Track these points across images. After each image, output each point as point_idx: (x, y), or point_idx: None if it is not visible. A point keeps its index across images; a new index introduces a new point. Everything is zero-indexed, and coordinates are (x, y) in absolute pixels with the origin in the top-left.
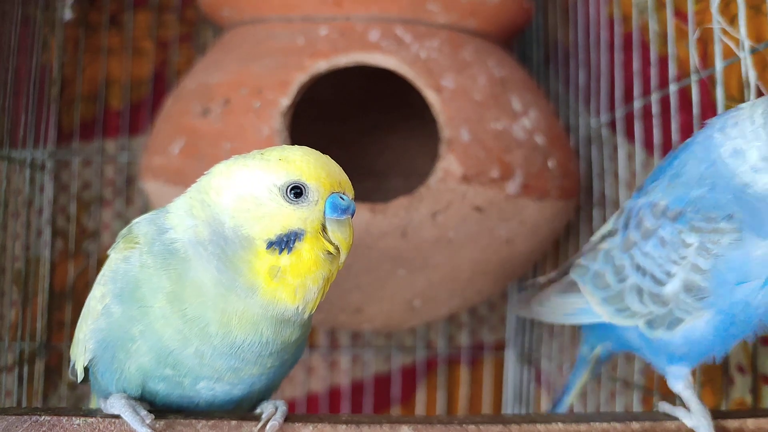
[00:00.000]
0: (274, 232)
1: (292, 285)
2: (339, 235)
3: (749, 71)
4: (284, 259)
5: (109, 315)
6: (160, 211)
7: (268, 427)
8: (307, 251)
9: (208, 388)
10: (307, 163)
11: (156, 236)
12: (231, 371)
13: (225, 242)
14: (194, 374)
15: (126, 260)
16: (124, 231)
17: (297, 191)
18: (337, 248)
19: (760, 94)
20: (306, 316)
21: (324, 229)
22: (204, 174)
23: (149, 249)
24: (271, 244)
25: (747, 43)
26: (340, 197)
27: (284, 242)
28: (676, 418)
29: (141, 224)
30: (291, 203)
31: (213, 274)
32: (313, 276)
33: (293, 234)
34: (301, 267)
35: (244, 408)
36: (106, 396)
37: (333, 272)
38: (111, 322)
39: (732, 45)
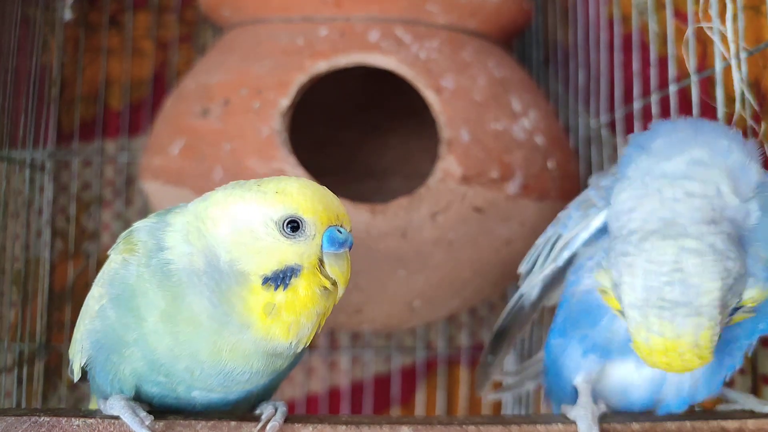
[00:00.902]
0: (270, 267)
1: (287, 322)
2: (337, 270)
3: (736, 79)
4: (280, 295)
5: (105, 317)
6: (161, 222)
7: (268, 428)
8: (304, 288)
9: (202, 396)
10: (304, 196)
11: (154, 251)
12: (222, 386)
13: (220, 276)
14: (187, 384)
15: (125, 266)
16: (124, 233)
17: (294, 225)
18: (334, 283)
19: (759, 99)
20: (299, 350)
21: (321, 263)
22: (203, 198)
23: (147, 262)
24: (266, 280)
25: (733, 48)
26: (338, 230)
27: (280, 278)
28: (676, 420)
29: (141, 232)
30: (288, 238)
31: (206, 305)
32: (308, 312)
33: (290, 270)
34: (297, 304)
35: (242, 408)
36: (105, 397)
37: (328, 307)
38: (106, 324)
39: (723, 50)
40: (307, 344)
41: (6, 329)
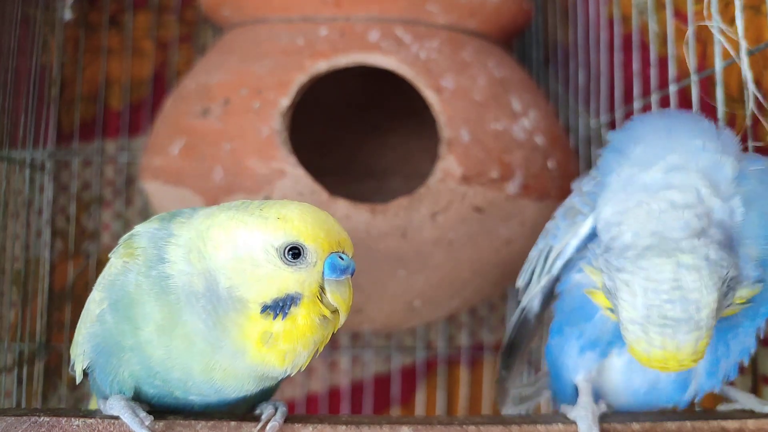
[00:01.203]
0: (270, 296)
1: (283, 351)
2: (338, 297)
3: (748, 74)
4: (278, 325)
5: (104, 322)
6: (164, 230)
7: (268, 428)
8: (303, 317)
9: (200, 399)
10: (305, 222)
11: (155, 261)
12: (217, 395)
13: (218, 300)
14: (183, 390)
15: (125, 272)
16: (125, 237)
17: (295, 252)
18: (335, 311)
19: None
20: (293, 374)
21: (322, 290)
22: (207, 215)
23: (147, 272)
24: (265, 308)
25: (744, 45)
26: (340, 257)
27: (279, 307)
28: (676, 419)
29: (143, 238)
30: (289, 265)
31: (201, 327)
32: (305, 341)
33: (290, 298)
34: (295, 333)
35: (242, 408)
36: (105, 397)
37: (327, 336)
38: (105, 329)
39: (729, 47)
40: (302, 369)
41: (6, 329)
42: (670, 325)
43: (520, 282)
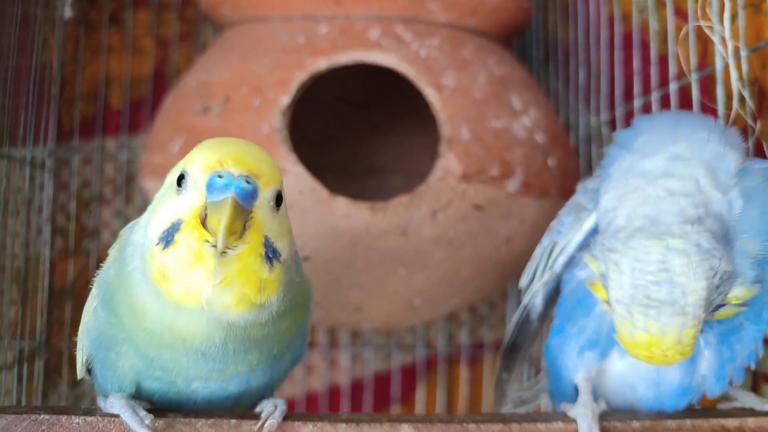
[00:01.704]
0: (162, 227)
1: (182, 284)
2: (215, 217)
3: (734, 78)
4: (167, 255)
5: (98, 316)
6: (145, 215)
7: (266, 425)
8: (183, 243)
9: (203, 387)
10: (196, 150)
11: (126, 243)
12: (216, 372)
13: (142, 249)
14: (183, 375)
15: (108, 266)
16: (122, 231)
17: (181, 181)
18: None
19: (759, 97)
20: (241, 317)
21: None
22: None
23: (118, 256)
24: (159, 241)
25: (731, 47)
26: (218, 176)
27: (168, 236)
28: (676, 417)
29: (128, 227)
30: (176, 194)
31: (144, 287)
32: (198, 270)
33: (174, 226)
34: (180, 261)
35: (244, 405)
36: (107, 395)
37: (239, 265)
38: (100, 323)
39: (722, 48)
40: (248, 309)
41: (6, 327)
42: (654, 306)
43: (523, 281)
